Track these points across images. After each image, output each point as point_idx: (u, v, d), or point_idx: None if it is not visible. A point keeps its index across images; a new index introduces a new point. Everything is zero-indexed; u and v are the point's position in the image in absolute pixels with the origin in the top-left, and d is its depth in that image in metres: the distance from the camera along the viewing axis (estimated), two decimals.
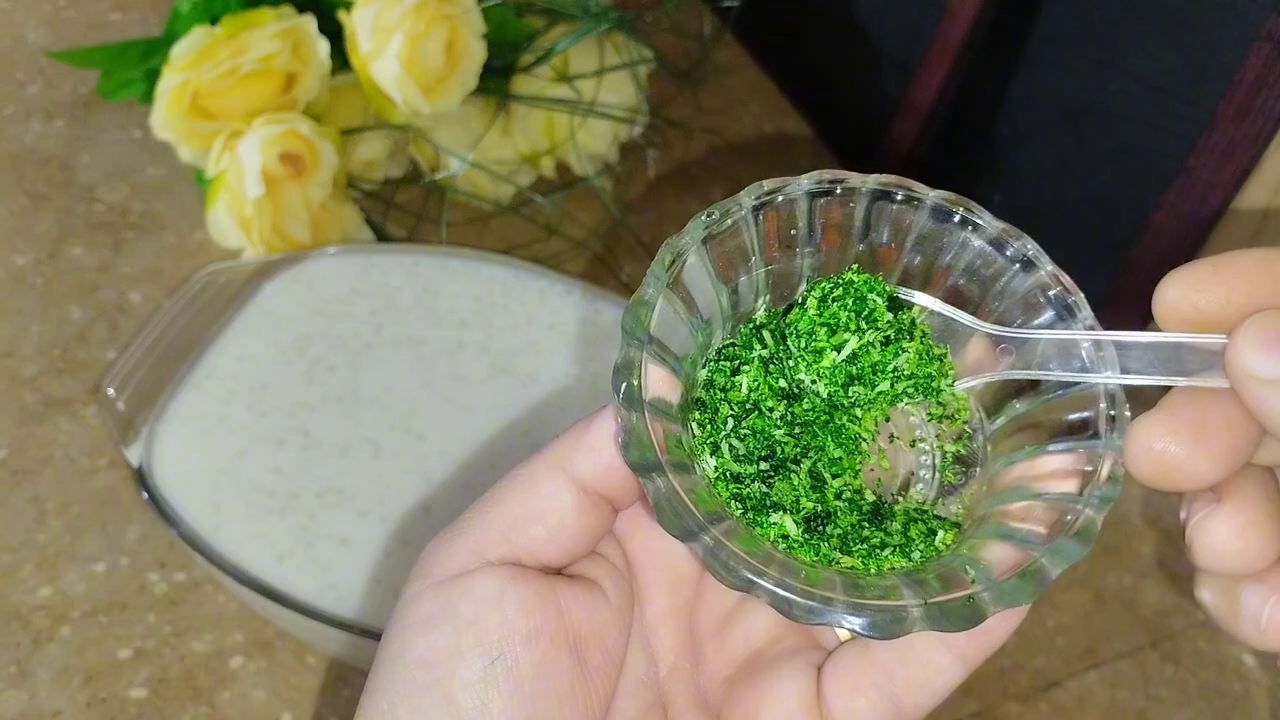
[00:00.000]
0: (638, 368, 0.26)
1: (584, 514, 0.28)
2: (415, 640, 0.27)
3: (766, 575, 0.24)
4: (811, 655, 0.30)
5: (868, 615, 0.24)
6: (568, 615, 0.28)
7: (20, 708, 0.45)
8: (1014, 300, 0.29)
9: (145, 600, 0.49)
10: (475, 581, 0.27)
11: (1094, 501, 0.26)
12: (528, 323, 0.53)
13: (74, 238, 0.62)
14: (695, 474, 0.26)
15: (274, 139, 0.55)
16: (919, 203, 0.29)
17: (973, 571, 0.25)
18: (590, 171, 0.67)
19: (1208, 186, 0.54)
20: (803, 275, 0.30)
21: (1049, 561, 0.25)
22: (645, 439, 0.25)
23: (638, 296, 0.27)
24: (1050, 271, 0.28)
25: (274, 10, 0.58)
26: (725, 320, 0.29)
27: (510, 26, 0.64)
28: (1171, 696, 0.52)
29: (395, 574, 0.45)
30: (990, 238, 0.29)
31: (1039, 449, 0.27)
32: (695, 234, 0.28)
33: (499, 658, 0.26)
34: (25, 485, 0.52)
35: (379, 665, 0.28)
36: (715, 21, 0.79)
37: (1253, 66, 0.51)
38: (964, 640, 0.28)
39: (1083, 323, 0.28)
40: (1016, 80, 0.64)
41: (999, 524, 0.27)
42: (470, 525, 0.29)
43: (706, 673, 0.31)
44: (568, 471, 0.28)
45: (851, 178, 0.29)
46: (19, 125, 0.67)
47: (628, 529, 0.31)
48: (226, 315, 0.51)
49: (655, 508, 0.25)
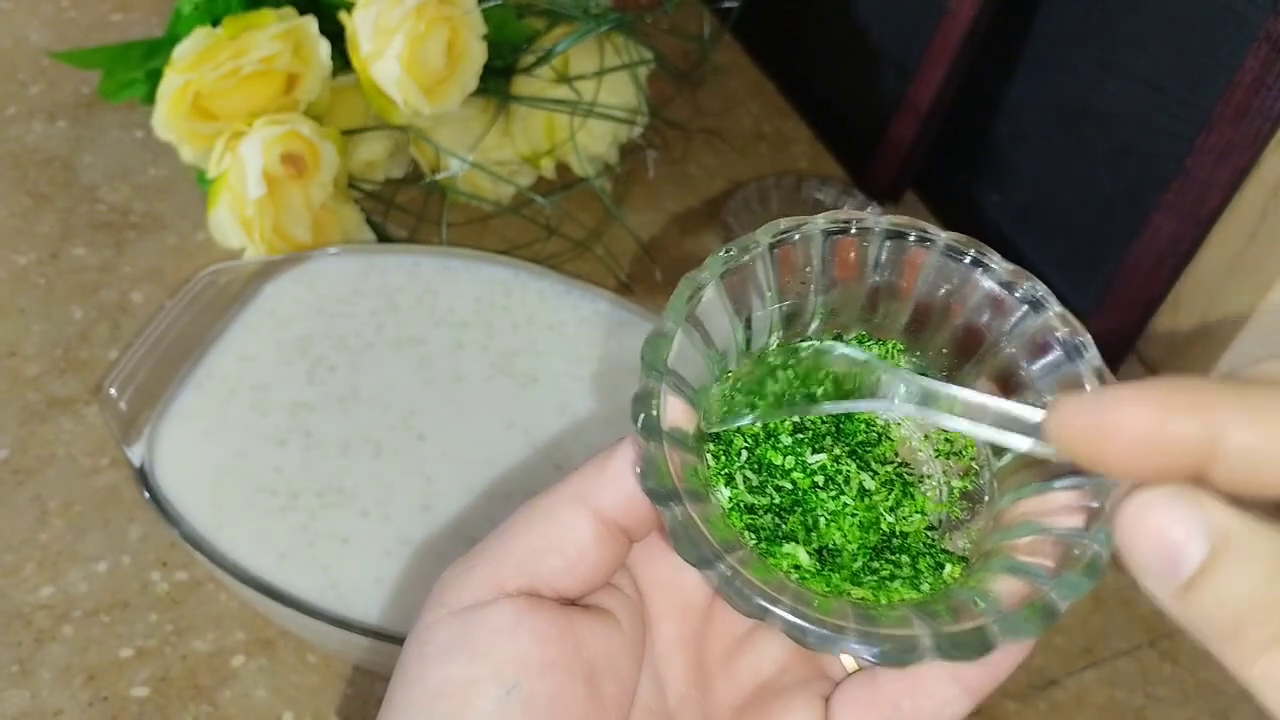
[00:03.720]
0: (657, 398, 0.26)
1: (602, 545, 0.28)
2: (432, 670, 0.27)
3: (780, 603, 0.24)
4: (819, 686, 0.30)
5: (879, 644, 0.24)
6: (584, 646, 0.28)
7: (22, 707, 0.46)
8: (1023, 340, 0.29)
9: (147, 599, 0.49)
10: (492, 612, 0.27)
11: (1100, 537, 0.26)
12: (528, 323, 0.53)
13: (76, 238, 0.62)
14: (710, 503, 0.27)
15: (275, 139, 0.55)
16: (931, 243, 0.29)
17: (982, 603, 0.26)
18: (590, 172, 0.67)
19: (1206, 187, 0.54)
20: (815, 312, 0.30)
21: (1057, 595, 0.25)
22: (663, 468, 0.26)
23: (657, 329, 0.27)
24: (1059, 313, 0.29)
25: (275, 11, 0.58)
26: (739, 354, 0.30)
27: (510, 27, 0.64)
28: (1170, 695, 0.52)
29: (396, 573, 0.45)
30: (1000, 279, 0.29)
31: (1045, 485, 0.28)
32: (714, 269, 0.28)
33: (515, 688, 0.26)
34: (27, 484, 0.52)
35: (394, 693, 0.28)
36: (715, 22, 0.79)
37: (1251, 67, 0.51)
38: (971, 672, 0.28)
39: (1089, 363, 0.28)
40: (1015, 81, 0.65)
41: (1007, 558, 0.27)
42: (487, 555, 0.29)
43: (715, 702, 0.31)
44: (587, 503, 0.28)
45: (866, 218, 0.29)
46: (21, 126, 0.67)
47: (638, 558, 0.31)
48: (228, 315, 0.51)
49: (672, 536, 0.25)
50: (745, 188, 0.67)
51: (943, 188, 0.72)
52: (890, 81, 0.69)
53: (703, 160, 0.73)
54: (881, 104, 0.70)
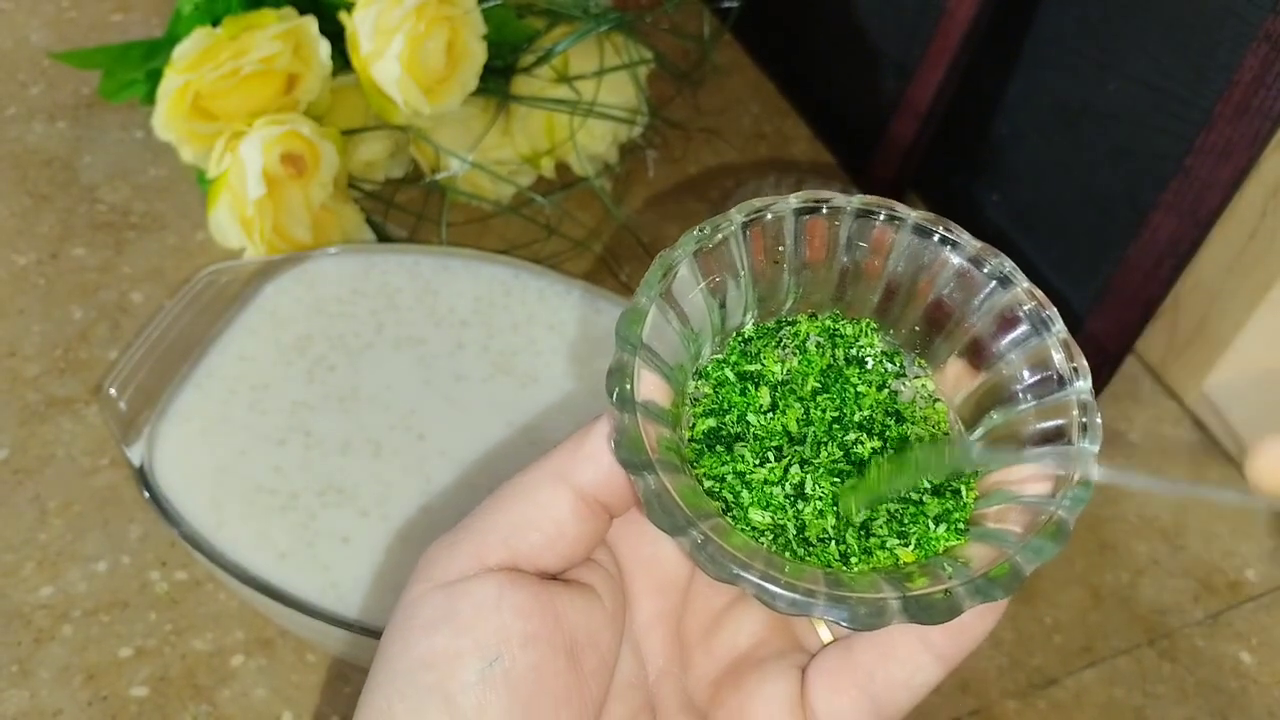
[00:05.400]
0: (631, 371, 0.27)
1: (581, 521, 0.29)
2: (415, 642, 0.27)
3: (751, 568, 0.25)
4: (796, 657, 0.31)
5: (848, 607, 0.25)
6: (564, 620, 0.28)
7: (21, 706, 0.46)
8: (991, 314, 0.30)
9: (146, 599, 0.49)
10: (475, 586, 0.28)
11: (1066, 503, 0.27)
12: (528, 323, 0.53)
13: (76, 238, 0.62)
14: (685, 474, 0.27)
15: (275, 140, 0.55)
16: (900, 222, 0.30)
17: (950, 568, 0.26)
18: (590, 171, 0.67)
19: (1205, 186, 0.54)
20: (789, 290, 0.31)
21: (1023, 558, 0.26)
22: (636, 438, 0.26)
23: (631, 305, 0.28)
24: (1025, 288, 0.30)
25: (275, 12, 0.58)
26: (714, 333, 0.30)
27: (511, 27, 0.64)
28: (1169, 694, 0.52)
29: (396, 572, 0.45)
30: (969, 255, 0.30)
31: (1015, 455, 0.29)
32: (687, 247, 0.29)
33: (497, 660, 0.27)
34: (27, 484, 0.52)
35: (379, 665, 0.28)
36: (715, 22, 0.79)
37: (1250, 66, 0.51)
38: (942, 639, 0.29)
39: (1056, 335, 0.29)
40: (1014, 80, 0.65)
41: (977, 525, 0.28)
42: (471, 531, 0.29)
43: (694, 675, 0.32)
44: (566, 479, 0.29)
45: (836, 197, 0.30)
46: (21, 126, 0.68)
47: (619, 535, 0.32)
48: (228, 315, 0.51)
49: (645, 504, 0.26)
50: (745, 187, 0.67)
51: (942, 187, 0.72)
52: (890, 81, 0.69)
53: (703, 160, 0.73)
54: (881, 104, 0.70)
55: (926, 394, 0.31)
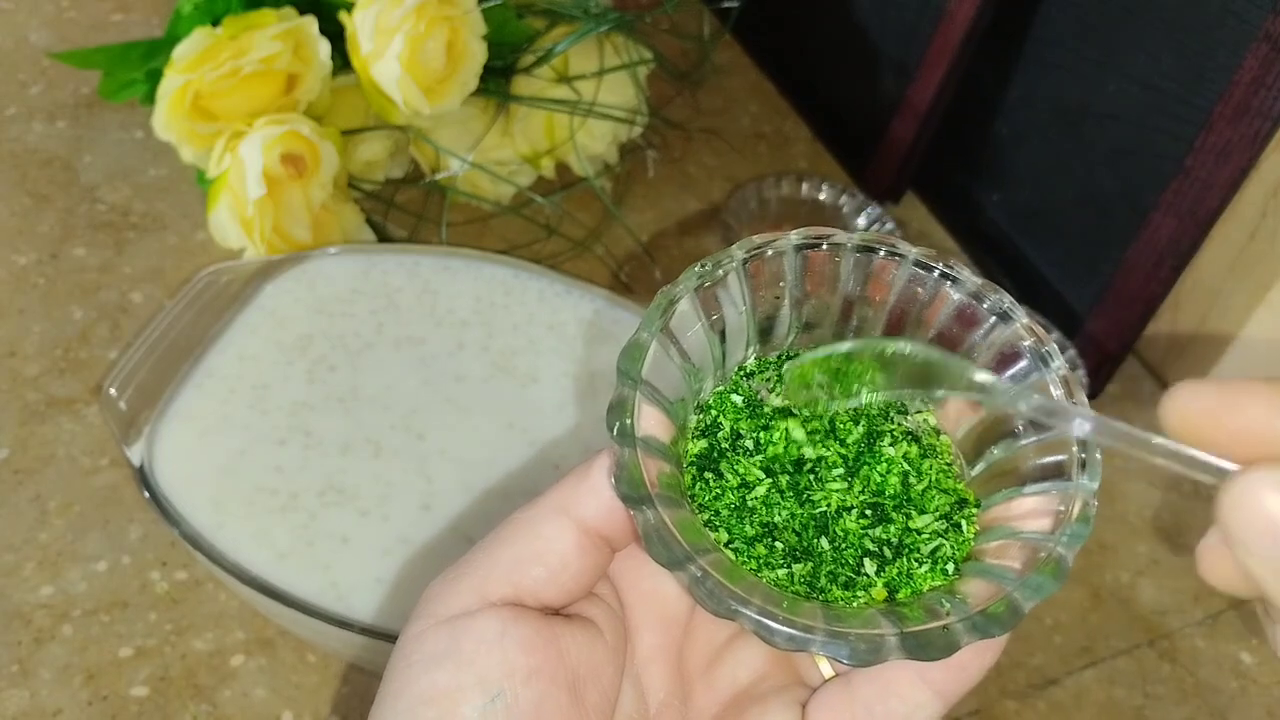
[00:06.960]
0: (631, 406, 0.27)
1: (584, 555, 0.29)
2: (418, 677, 0.27)
3: (750, 604, 0.25)
4: (797, 693, 0.31)
5: (846, 643, 0.25)
6: (567, 654, 0.28)
7: (22, 706, 0.46)
8: (991, 350, 0.30)
9: (146, 599, 0.49)
10: (477, 621, 0.28)
11: (1065, 539, 0.27)
12: (528, 323, 0.53)
13: (76, 238, 0.62)
14: (684, 509, 0.27)
15: (275, 140, 0.55)
16: (901, 258, 0.30)
17: (948, 604, 0.26)
18: (590, 172, 0.67)
19: (1205, 186, 0.54)
20: (790, 325, 0.31)
21: (1021, 595, 0.26)
22: (636, 473, 0.26)
23: (632, 340, 0.28)
24: (1025, 324, 0.30)
25: (275, 12, 0.58)
26: (716, 367, 0.30)
27: (510, 27, 0.64)
28: (1168, 694, 0.52)
29: (395, 573, 0.45)
30: (969, 291, 0.30)
31: (1015, 491, 0.29)
32: (688, 283, 0.29)
33: (499, 695, 0.27)
34: (27, 484, 0.52)
35: (381, 700, 0.28)
36: (714, 22, 0.79)
37: (1250, 66, 0.51)
38: (941, 676, 0.28)
39: (1055, 371, 0.29)
40: (1014, 81, 0.65)
41: (976, 562, 0.28)
42: (473, 565, 0.29)
43: (695, 710, 0.31)
44: (569, 514, 0.29)
45: (838, 234, 0.30)
46: (21, 126, 0.68)
47: (620, 570, 0.32)
48: (228, 315, 0.51)
49: (644, 538, 0.26)
50: (745, 188, 0.67)
51: (942, 187, 0.72)
52: (890, 82, 0.69)
53: (703, 160, 0.73)
54: (881, 104, 0.70)
55: (929, 428, 0.31)
